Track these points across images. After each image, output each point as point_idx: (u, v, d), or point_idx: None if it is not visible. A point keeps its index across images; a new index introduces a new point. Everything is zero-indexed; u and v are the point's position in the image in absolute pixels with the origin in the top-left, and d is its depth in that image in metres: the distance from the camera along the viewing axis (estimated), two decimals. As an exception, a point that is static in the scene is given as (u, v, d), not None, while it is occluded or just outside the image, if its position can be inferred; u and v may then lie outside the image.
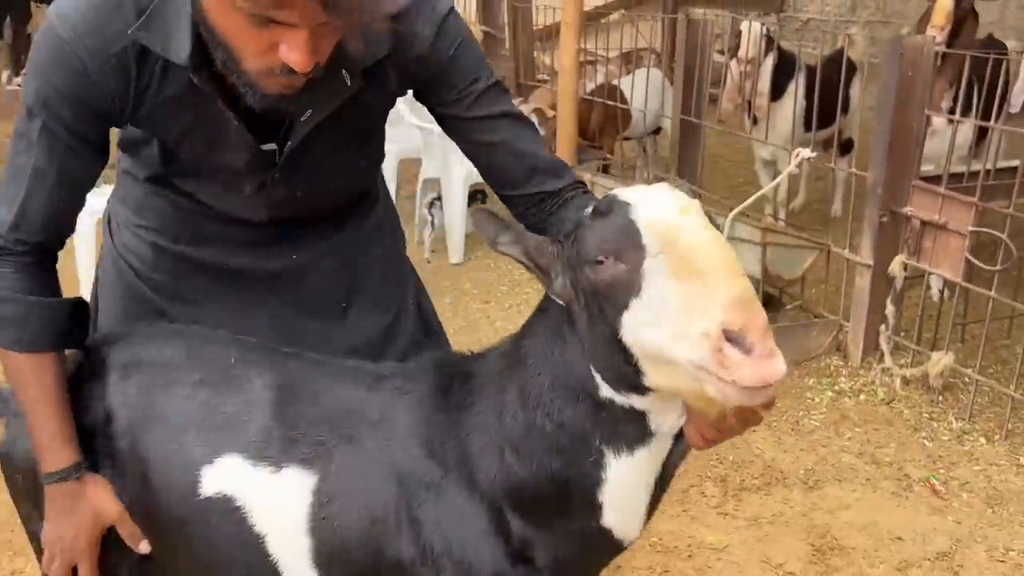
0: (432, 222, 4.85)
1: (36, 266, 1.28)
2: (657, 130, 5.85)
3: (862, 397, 3.37)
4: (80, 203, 1.30)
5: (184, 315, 1.46)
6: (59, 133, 1.20)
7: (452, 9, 1.29)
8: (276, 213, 1.39)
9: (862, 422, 3.20)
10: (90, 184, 1.29)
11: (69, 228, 1.31)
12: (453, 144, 1.38)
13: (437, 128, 5.12)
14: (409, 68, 1.27)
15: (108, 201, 1.54)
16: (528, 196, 1.36)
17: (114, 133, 1.31)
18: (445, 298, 4.28)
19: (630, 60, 5.93)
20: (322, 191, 1.41)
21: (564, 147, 5.01)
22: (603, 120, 5.38)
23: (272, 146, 1.28)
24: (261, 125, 1.24)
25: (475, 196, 5.12)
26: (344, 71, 1.20)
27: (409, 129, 4.97)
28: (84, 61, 1.16)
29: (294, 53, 1.02)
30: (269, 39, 1.02)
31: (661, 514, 2.62)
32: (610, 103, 5.18)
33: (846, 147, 4.92)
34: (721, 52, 5.19)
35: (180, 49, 1.14)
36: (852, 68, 4.95)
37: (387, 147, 5.32)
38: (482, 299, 4.30)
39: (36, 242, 1.27)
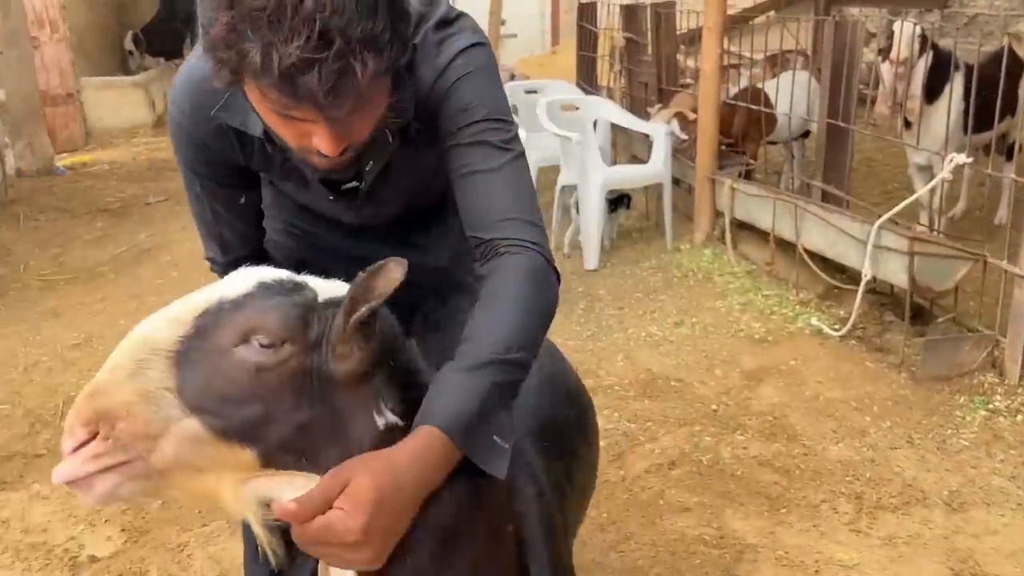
0: (574, 217, 4.93)
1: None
2: (805, 134, 5.68)
3: (1019, 417, 3.16)
4: (261, 216, 1.54)
5: None
6: (212, 186, 1.43)
7: (465, 48, 1.29)
8: (371, 223, 1.53)
9: (1018, 444, 3.00)
10: (260, 202, 1.52)
11: (260, 239, 1.56)
12: (592, 151, 1.41)
13: (575, 135, 5.22)
14: (418, 113, 1.29)
15: None
16: (470, 238, 1.30)
17: None
18: (579, 303, 4.33)
19: (776, 63, 5.79)
20: (410, 204, 1.52)
21: (705, 152, 4.97)
22: (746, 124, 5.28)
23: (353, 184, 1.40)
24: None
25: (619, 201, 5.15)
26: (387, 131, 1.28)
27: (548, 137, 5.06)
28: (198, 135, 1.35)
29: (322, 142, 1.09)
30: (300, 129, 1.09)
31: (788, 528, 2.57)
32: (753, 107, 5.08)
33: (1013, 151, 4.61)
34: (877, 52, 4.99)
35: (255, 124, 1.27)
36: (1021, 66, 4.65)
37: (526, 154, 5.38)
38: (616, 305, 4.32)
39: (246, 255, 1.49)
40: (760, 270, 4.59)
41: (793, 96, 4.94)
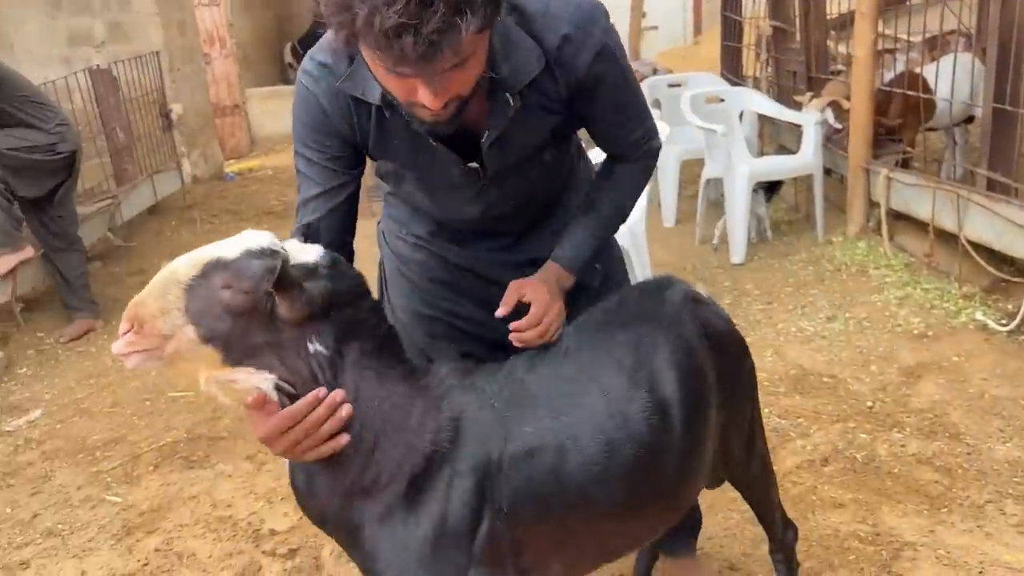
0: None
1: None
2: (969, 119, 5.38)
3: None
4: (350, 213, 1.59)
5: (443, 298, 1.79)
6: (316, 158, 1.54)
7: (608, 33, 1.47)
8: (493, 211, 1.64)
9: None
10: (350, 194, 1.57)
11: (349, 234, 1.61)
12: (737, 144, 1.54)
13: (720, 128, 5.18)
14: (570, 84, 1.48)
15: (380, 220, 1.89)
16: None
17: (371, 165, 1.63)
18: (725, 298, 4.30)
19: (935, 46, 5.51)
20: (530, 185, 1.64)
21: (859, 141, 4.81)
22: (903, 111, 5.06)
23: (475, 164, 1.51)
24: (461, 148, 1.48)
25: (773, 188, 5.05)
26: (507, 94, 1.42)
27: (692, 130, 5.04)
28: (321, 101, 1.49)
29: (425, 96, 1.24)
30: (406, 84, 1.24)
31: (950, 528, 2.49)
32: (911, 92, 4.87)
33: None
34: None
35: (374, 93, 1.42)
36: None
37: (669, 148, 5.58)
38: (764, 300, 4.26)
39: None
40: (919, 263, 4.41)
41: (955, 80, 4.70)
